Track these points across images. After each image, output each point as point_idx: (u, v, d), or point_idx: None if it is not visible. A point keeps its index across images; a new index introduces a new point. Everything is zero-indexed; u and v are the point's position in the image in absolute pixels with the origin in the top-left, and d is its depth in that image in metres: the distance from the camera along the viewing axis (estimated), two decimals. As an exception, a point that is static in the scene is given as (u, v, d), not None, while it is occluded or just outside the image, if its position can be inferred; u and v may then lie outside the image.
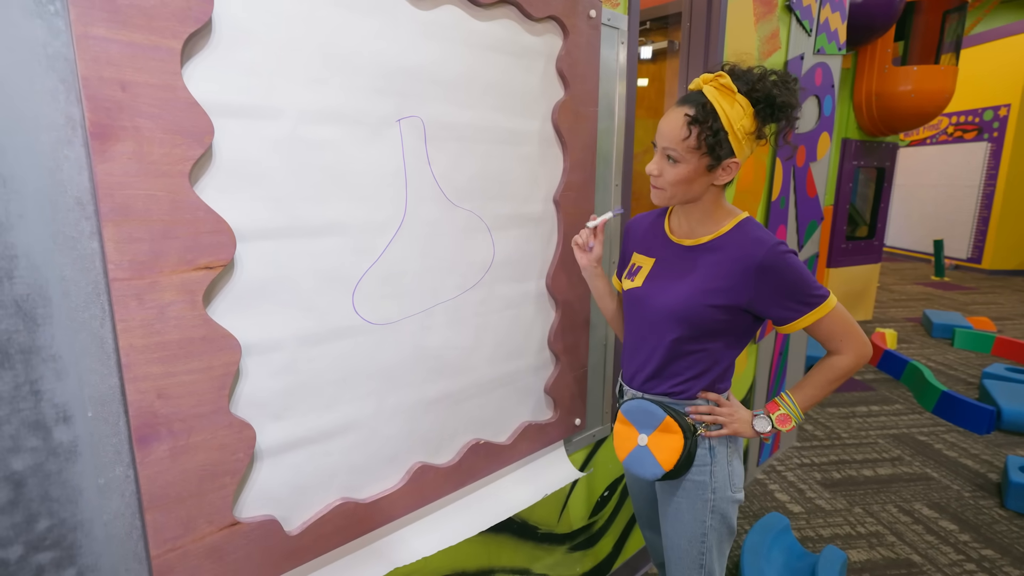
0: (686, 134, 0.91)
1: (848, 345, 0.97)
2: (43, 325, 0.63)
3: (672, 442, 1.02)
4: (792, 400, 1.02)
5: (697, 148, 0.91)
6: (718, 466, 1.06)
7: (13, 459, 0.63)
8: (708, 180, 0.96)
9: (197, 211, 0.71)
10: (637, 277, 1.09)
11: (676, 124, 0.92)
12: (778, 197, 2.16)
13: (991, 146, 7.37)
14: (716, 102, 0.90)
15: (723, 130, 0.90)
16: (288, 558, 0.87)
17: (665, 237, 1.07)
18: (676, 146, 0.92)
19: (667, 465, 1.02)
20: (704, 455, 1.05)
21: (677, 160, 0.94)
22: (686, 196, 0.98)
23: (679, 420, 1.02)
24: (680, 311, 0.99)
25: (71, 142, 0.63)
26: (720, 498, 1.06)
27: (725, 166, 0.94)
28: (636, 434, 1.07)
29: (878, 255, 5.16)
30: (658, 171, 0.97)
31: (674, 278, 1.02)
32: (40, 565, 0.66)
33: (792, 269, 0.94)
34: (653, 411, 1.04)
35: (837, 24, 2.28)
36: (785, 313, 0.96)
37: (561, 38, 1.16)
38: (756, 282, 0.94)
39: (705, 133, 0.90)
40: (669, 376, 1.05)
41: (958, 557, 1.95)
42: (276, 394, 0.84)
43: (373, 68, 0.87)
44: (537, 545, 1.41)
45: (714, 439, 1.05)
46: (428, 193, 0.98)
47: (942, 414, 3.11)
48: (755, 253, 0.94)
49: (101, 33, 0.61)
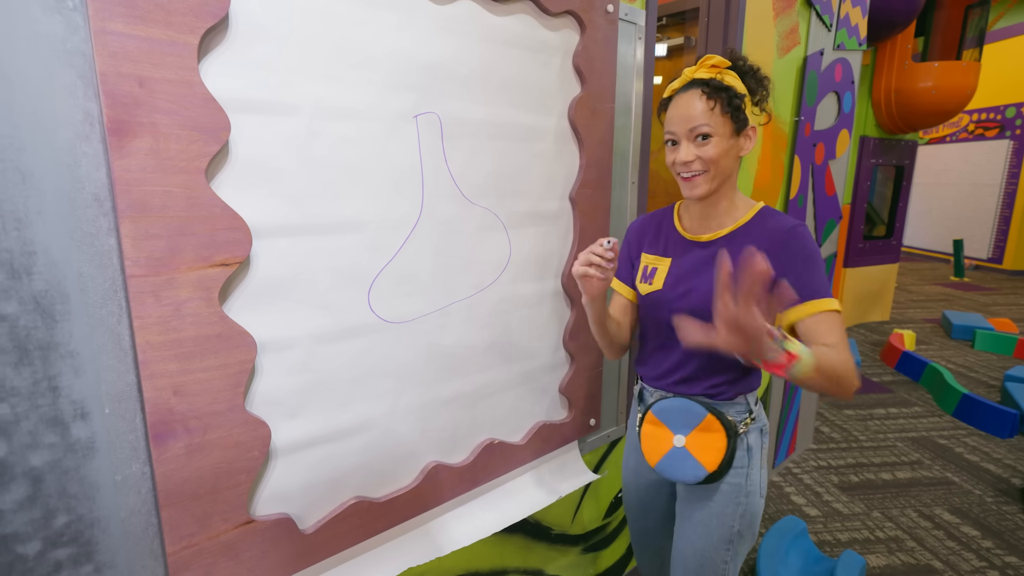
0: (710, 105, 0.92)
1: (843, 347, 0.88)
2: (61, 321, 0.63)
3: (715, 441, 0.98)
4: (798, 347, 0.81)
5: (723, 114, 0.92)
6: (754, 468, 1.01)
7: (31, 455, 0.63)
8: (737, 151, 0.96)
9: (213, 208, 0.70)
10: (655, 279, 1.04)
11: (695, 102, 0.93)
12: (796, 195, 2.12)
13: (1013, 144, 7.21)
14: (719, 76, 0.93)
15: (737, 96, 0.93)
16: (302, 556, 0.87)
17: (678, 235, 1.04)
18: (706, 119, 0.92)
19: (711, 466, 0.97)
20: (742, 456, 1.01)
21: (710, 134, 0.92)
22: (723, 175, 0.95)
23: (722, 418, 0.98)
24: (705, 309, 0.92)
25: (89, 138, 0.62)
26: (752, 502, 1.02)
27: (746, 134, 0.95)
28: (670, 435, 1.01)
29: (896, 255, 5.07)
30: (692, 156, 0.93)
31: (698, 276, 0.98)
32: (58, 561, 0.66)
33: (812, 247, 0.92)
34: (693, 409, 0.99)
35: (858, 19, 2.23)
36: (800, 287, 0.88)
37: (578, 33, 1.14)
38: (782, 254, 0.90)
39: (726, 99, 0.92)
40: (707, 377, 1.00)
41: (980, 564, 1.91)
42: (291, 392, 0.83)
43: (390, 63, 0.87)
44: (551, 546, 1.40)
45: (752, 439, 1.01)
46: (444, 190, 0.98)
47: (963, 417, 3.04)
48: (781, 229, 0.93)
49: (119, 28, 0.61)
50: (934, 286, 6.79)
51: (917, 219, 8.82)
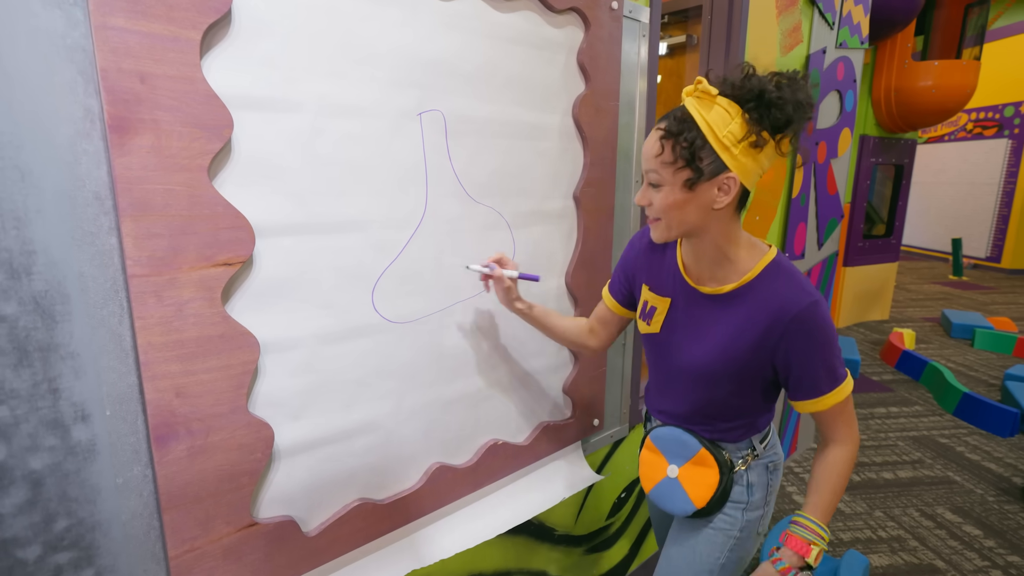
0: (659, 150, 0.79)
1: (848, 432, 0.87)
2: (61, 322, 0.62)
3: (706, 477, 0.94)
4: (816, 522, 0.87)
5: (673, 163, 0.79)
6: (753, 507, 0.96)
7: (31, 458, 0.62)
8: (704, 203, 0.81)
9: (216, 206, 0.69)
10: (653, 322, 0.97)
11: (651, 142, 0.81)
12: (798, 194, 2.11)
13: (1012, 143, 7.22)
14: (693, 110, 0.78)
15: (701, 138, 0.77)
16: (306, 559, 0.86)
17: (681, 278, 0.93)
18: (654, 166, 0.81)
19: (699, 502, 0.94)
20: (741, 492, 0.96)
21: (659, 183, 0.81)
22: (685, 227, 0.84)
23: (715, 453, 0.93)
24: (707, 372, 0.89)
25: (89, 135, 0.61)
26: (745, 538, 0.97)
27: (720, 184, 0.79)
28: (665, 464, 0.98)
29: (895, 254, 5.07)
30: (646, 200, 0.85)
31: (697, 332, 0.91)
32: (58, 565, 0.65)
33: (829, 330, 0.82)
34: (687, 441, 0.95)
35: (860, 17, 2.23)
36: (810, 383, 0.84)
37: (582, 30, 1.13)
38: (789, 339, 0.82)
39: (680, 145, 0.77)
40: (703, 423, 0.96)
41: (983, 563, 1.90)
42: (294, 393, 0.82)
43: (394, 60, 0.85)
44: (554, 547, 1.39)
45: (754, 477, 0.96)
46: (448, 189, 0.97)
47: (963, 416, 3.04)
48: (791, 307, 0.81)
49: (120, 23, 0.60)
50: (933, 285, 6.79)
51: (915, 218, 8.82)
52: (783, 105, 0.75)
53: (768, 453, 0.98)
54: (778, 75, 0.78)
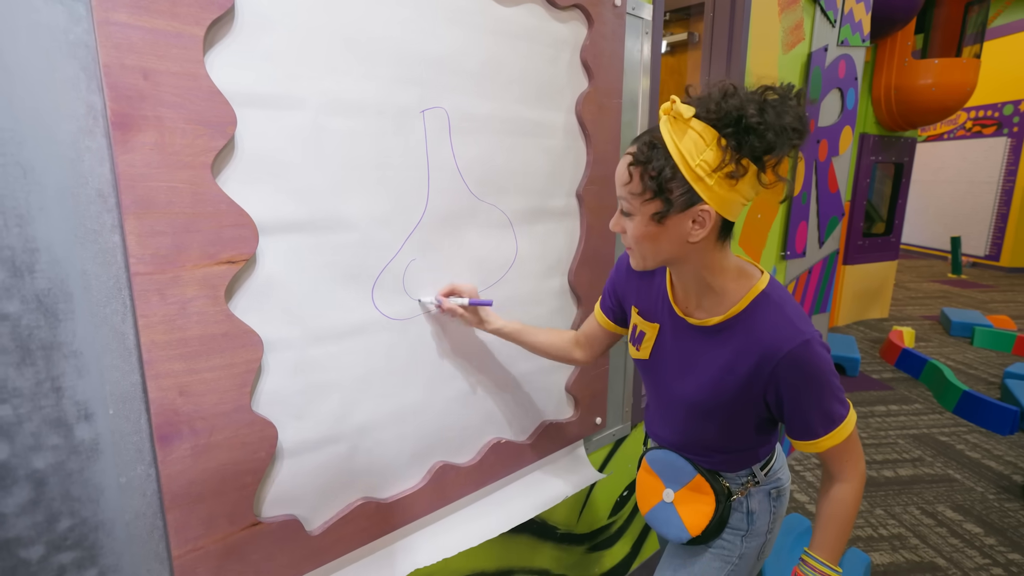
0: (627, 178, 0.74)
1: (854, 469, 0.82)
2: (64, 320, 0.61)
3: (702, 504, 0.90)
4: (823, 562, 0.83)
5: (641, 193, 0.73)
6: (755, 534, 0.93)
7: (34, 457, 0.61)
8: (678, 236, 0.74)
9: (219, 204, 0.69)
10: (643, 347, 0.94)
11: (621, 168, 0.76)
12: (800, 192, 2.11)
13: (1011, 141, 7.22)
14: (666, 134, 0.71)
15: (671, 167, 0.70)
16: (309, 558, 0.85)
17: (668, 305, 0.89)
18: (623, 194, 0.76)
19: (694, 530, 0.91)
20: (740, 520, 0.92)
21: (629, 212, 0.77)
22: (660, 257, 0.79)
23: (711, 481, 0.90)
24: (695, 405, 0.86)
25: (92, 132, 0.61)
26: (744, 565, 0.93)
27: (695, 216, 0.72)
28: (662, 487, 0.95)
29: (895, 252, 5.07)
30: (620, 228, 0.80)
31: (684, 363, 0.87)
32: (61, 565, 0.64)
33: (822, 369, 0.76)
34: (683, 467, 0.93)
35: (861, 15, 2.22)
36: (803, 425, 0.80)
37: (586, 27, 1.13)
38: (779, 380, 0.77)
39: (649, 174, 0.71)
40: (699, 453, 0.93)
41: (984, 561, 1.91)
42: (297, 392, 0.82)
43: (397, 56, 0.85)
44: (556, 545, 1.39)
45: (755, 504, 0.92)
46: (451, 186, 0.96)
47: (963, 414, 3.05)
48: (780, 346, 0.75)
49: (123, 19, 0.59)
50: (932, 283, 6.80)
51: (914, 216, 8.83)
52: (763, 132, 0.67)
53: (770, 480, 0.94)
54: (768, 90, 0.70)
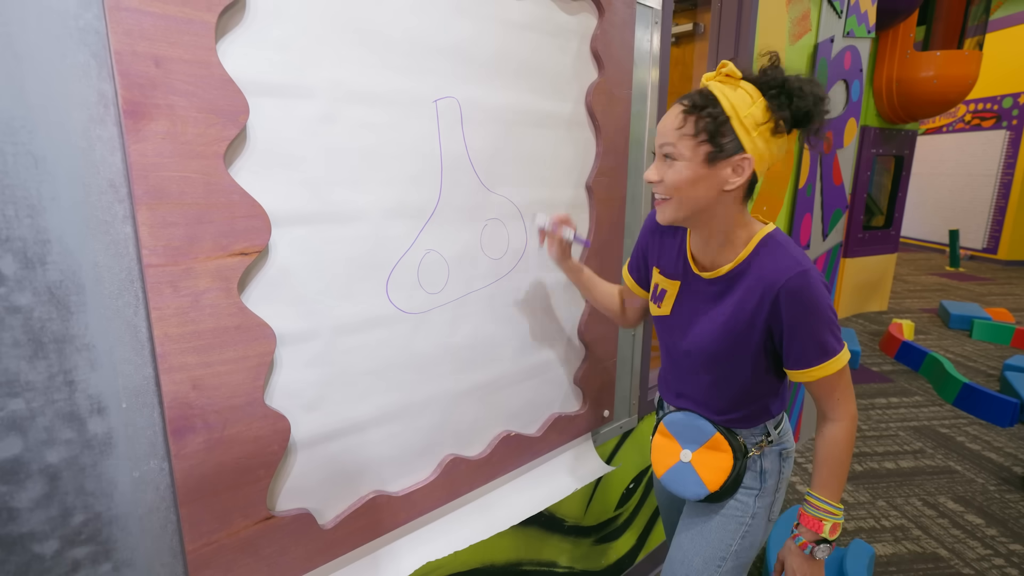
0: (681, 123, 0.80)
1: (845, 409, 0.87)
2: (76, 313, 0.60)
3: (720, 461, 0.94)
4: (822, 499, 0.88)
5: (695, 136, 0.79)
6: (766, 493, 0.97)
7: (48, 452, 0.60)
8: (716, 183, 0.81)
9: (232, 194, 0.68)
10: (664, 304, 0.98)
11: (672, 115, 0.82)
12: (805, 184, 2.10)
13: (1010, 134, 7.22)
14: (717, 91, 0.79)
15: (724, 115, 0.78)
16: (322, 552, 0.85)
17: (686, 262, 0.95)
18: (672, 139, 0.81)
19: (712, 486, 0.94)
20: (753, 478, 0.96)
21: (675, 157, 0.81)
22: (694, 205, 0.83)
23: (730, 438, 0.94)
24: (709, 353, 0.90)
25: (103, 121, 0.59)
26: (756, 525, 0.97)
27: (735, 164, 0.79)
28: (679, 449, 0.98)
29: (895, 245, 5.08)
30: (658, 176, 0.84)
31: (699, 315, 0.92)
32: (75, 560, 0.64)
33: (819, 300, 0.81)
34: (702, 426, 0.96)
35: (867, 5, 2.21)
36: (799, 353, 0.84)
37: (596, 17, 1.11)
38: (780, 308, 0.82)
39: (703, 119, 0.78)
40: (713, 409, 0.96)
41: (986, 552, 1.92)
42: (309, 385, 0.81)
43: (408, 46, 0.84)
44: (564, 537, 1.39)
45: (767, 463, 0.96)
46: (463, 178, 0.95)
47: (963, 406, 3.06)
48: (780, 276, 0.82)
49: (134, 4, 0.58)
50: (930, 276, 6.82)
51: (913, 209, 8.84)
52: (804, 96, 0.78)
53: (781, 440, 0.99)
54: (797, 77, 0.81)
